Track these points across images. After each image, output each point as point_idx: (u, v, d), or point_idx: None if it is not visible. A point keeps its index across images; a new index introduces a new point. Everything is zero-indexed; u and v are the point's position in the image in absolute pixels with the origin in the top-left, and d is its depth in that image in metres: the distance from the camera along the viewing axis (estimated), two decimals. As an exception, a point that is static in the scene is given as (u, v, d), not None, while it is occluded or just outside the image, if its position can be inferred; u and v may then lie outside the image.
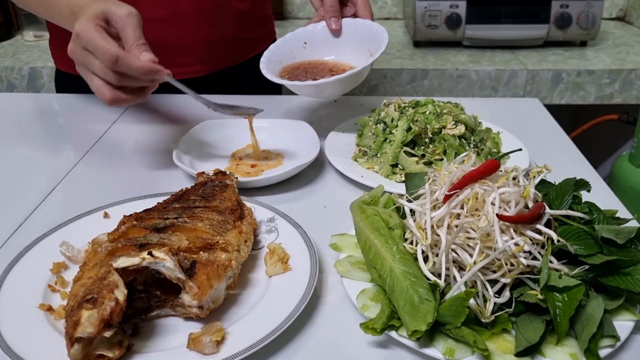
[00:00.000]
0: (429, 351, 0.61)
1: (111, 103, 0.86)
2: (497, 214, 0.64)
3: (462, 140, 0.97)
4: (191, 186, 0.86)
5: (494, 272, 0.63)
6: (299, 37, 1.13)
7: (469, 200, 0.67)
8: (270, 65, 1.07)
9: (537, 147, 1.04)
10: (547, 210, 0.66)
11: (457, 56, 2.00)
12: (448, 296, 0.63)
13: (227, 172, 0.89)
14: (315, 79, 1.04)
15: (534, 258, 0.64)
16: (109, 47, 0.81)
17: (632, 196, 1.74)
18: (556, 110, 1.37)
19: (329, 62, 1.12)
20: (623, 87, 1.90)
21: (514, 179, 0.70)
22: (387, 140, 0.98)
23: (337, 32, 1.11)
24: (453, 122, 0.97)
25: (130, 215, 0.76)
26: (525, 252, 0.64)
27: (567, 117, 2.34)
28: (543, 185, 0.74)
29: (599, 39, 2.11)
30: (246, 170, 1.00)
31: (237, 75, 1.35)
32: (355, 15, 1.11)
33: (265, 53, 1.09)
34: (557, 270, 0.63)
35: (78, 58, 0.87)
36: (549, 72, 1.88)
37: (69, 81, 1.33)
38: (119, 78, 0.84)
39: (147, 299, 0.67)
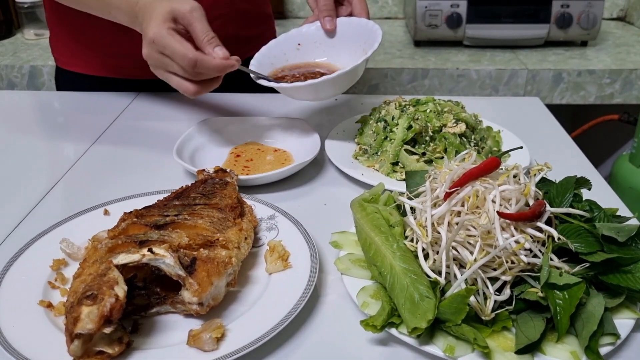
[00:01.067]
0: (429, 348, 0.61)
1: (194, 95, 0.92)
2: (497, 212, 0.64)
3: (463, 138, 0.97)
4: (191, 183, 0.86)
5: (495, 269, 0.63)
6: (293, 38, 1.09)
7: (469, 197, 0.66)
8: (260, 68, 1.04)
9: (538, 146, 1.04)
10: (548, 208, 0.66)
11: (458, 56, 2.00)
12: (448, 294, 0.63)
13: (228, 170, 0.89)
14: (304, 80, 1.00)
15: (535, 256, 0.64)
16: (186, 52, 0.86)
17: (633, 196, 1.74)
18: (556, 110, 1.37)
19: (321, 64, 1.09)
20: (623, 87, 1.90)
21: (514, 176, 0.70)
22: (388, 139, 0.98)
23: (331, 32, 1.08)
24: (454, 121, 0.97)
25: (131, 212, 0.76)
26: (525, 249, 0.63)
27: (568, 117, 2.34)
28: (544, 183, 0.74)
29: (599, 39, 2.11)
30: (244, 165, 1.00)
31: (237, 74, 1.34)
32: (351, 15, 1.08)
33: (256, 55, 1.06)
34: (557, 268, 0.63)
35: (155, 62, 0.92)
36: (550, 72, 1.88)
37: (69, 78, 1.34)
38: (197, 75, 0.90)
39: (147, 296, 0.67)
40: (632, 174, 1.77)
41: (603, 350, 0.60)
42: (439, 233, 0.66)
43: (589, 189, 0.73)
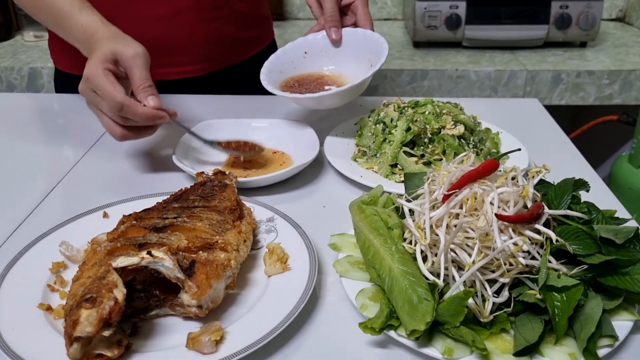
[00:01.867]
0: (428, 351, 0.61)
1: (121, 139, 0.92)
2: (496, 214, 0.64)
3: (462, 140, 0.97)
4: (190, 186, 0.86)
5: (493, 271, 0.63)
6: (300, 46, 1.12)
7: (467, 200, 0.67)
8: (270, 76, 1.07)
9: (537, 148, 1.04)
10: (546, 210, 0.66)
11: (457, 57, 2.00)
12: (447, 296, 0.63)
13: (227, 172, 0.89)
14: (314, 92, 1.04)
15: (533, 258, 0.64)
16: (115, 95, 0.86)
17: (632, 197, 1.74)
18: (556, 111, 1.37)
19: (327, 75, 1.12)
20: (623, 88, 1.91)
21: (512, 178, 0.70)
22: (387, 141, 0.98)
23: (337, 42, 1.11)
24: (452, 122, 0.97)
25: (130, 214, 0.76)
26: (524, 251, 0.64)
27: (567, 117, 2.34)
28: (542, 185, 0.74)
29: (598, 40, 2.11)
30: (243, 167, 1.00)
31: (235, 75, 1.35)
32: (355, 25, 1.11)
33: (266, 64, 1.09)
34: (555, 270, 0.63)
35: (88, 98, 0.92)
36: (549, 73, 1.88)
37: (68, 81, 1.33)
38: (125, 120, 0.89)
39: (146, 299, 0.67)
40: (631, 175, 1.77)
41: (601, 352, 0.60)
42: (438, 235, 0.66)
43: (587, 191, 0.73)
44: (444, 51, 2.06)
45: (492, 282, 0.64)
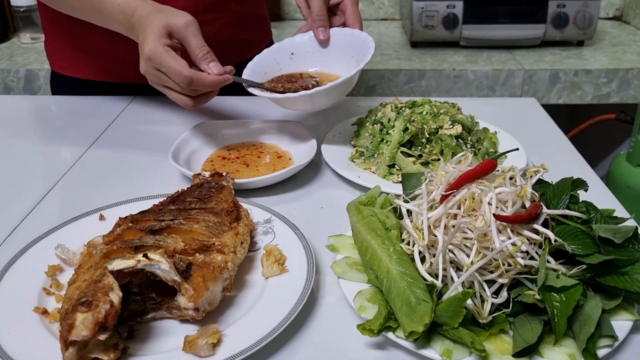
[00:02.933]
0: (427, 352, 0.61)
1: (193, 108, 0.95)
2: (494, 214, 0.63)
3: (459, 140, 0.97)
4: (187, 188, 0.86)
5: (492, 272, 0.63)
6: (286, 47, 1.10)
7: (465, 200, 0.66)
8: (254, 77, 1.04)
9: (535, 147, 1.04)
10: (545, 209, 0.66)
11: (455, 56, 2.00)
12: (445, 297, 0.62)
13: (223, 174, 0.88)
14: (296, 91, 0.99)
15: (532, 258, 0.64)
16: (182, 70, 0.88)
17: (630, 196, 1.74)
18: (553, 110, 1.37)
19: (314, 75, 1.09)
20: (620, 87, 1.90)
21: (510, 178, 0.69)
22: (384, 141, 0.98)
23: (324, 42, 1.08)
24: (450, 122, 0.97)
25: (126, 217, 0.76)
26: (522, 252, 0.63)
27: (565, 116, 2.34)
28: (540, 184, 0.74)
29: (596, 39, 2.11)
30: (237, 168, 1.00)
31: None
32: (344, 25, 1.08)
33: (249, 64, 1.06)
34: (554, 270, 0.63)
35: (153, 78, 0.94)
36: (546, 72, 1.88)
37: (64, 82, 1.33)
38: (194, 91, 0.93)
39: (142, 302, 0.67)
40: (629, 174, 1.77)
41: (601, 353, 0.60)
42: (436, 236, 0.66)
43: (586, 190, 0.73)
44: (441, 51, 2.06)
45: (490, 282, 0.63)
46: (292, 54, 1.09)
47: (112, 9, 0.98)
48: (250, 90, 1.01)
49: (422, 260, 0.66)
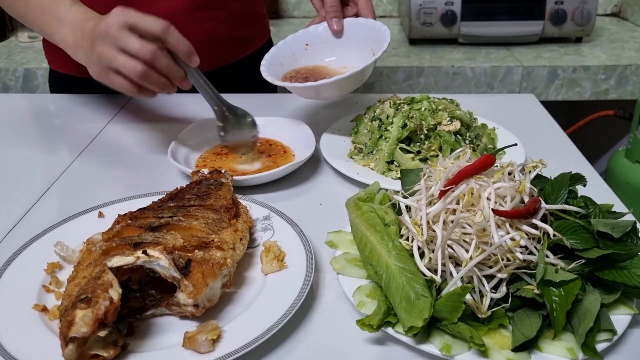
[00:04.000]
0: (426, 347, 0.61)
1: (141, 76, 0.86)
2: (492, 209, 0.63)
3: (458, 136, 0.97)
4: (186, 185, 0.86)
5: (490, 267, 0.63)
6: (301, 38, 1.11)
7: (464, 195, 0.66)
8: (271, 68, 1.06)
9: (533, 143, 1.04)
10: (543, 204, 0.66)
11: (453, 53, 2.00)
12: (444, 292, 0.63)
13: (222, 171, 0.88)
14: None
15: (530, 253, 0.64)
16: (158, 19, 0.86)
17: (629, 192, 1.74)
18: (552, 107, 1.37)
19: (329, 68, 1.11)
20: (619, 83, 1.91)
21: (509, 174, 0.69)
22: (383, 137, 0.98)
23: (338, 33, 1.09)
24: (448, 119, 0.97)
25: (125, 214, 0.76)
26: (521, 246, 0.63)
27: (563, 113, 2.34)
28: (539, 180, 0.74)
29: (594, 35, 2.11)
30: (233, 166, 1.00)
31: (231, 75, 1.34)
32: (357, 15, 1.09)
33: (266, 56, 1.08)
34: (553, 264, 0.63)
35: (107, 54, 0.87)
36: (545, 69, 1.88)
37: (63, 81, 1.33)
38: (154, 54, 0.86)
39: (142, 298, 0.67)
40: (628, 170, 1.77)
41: (600, 347, 0.60)
42: (435, 231, 0.66)
43: (584, 185, 0.73)
44: (439, 48, 2.06)
45: (489, 277, 0.63)
46: (306, 45, 1.10)
47: (66, 12, 0.96)
48: (265, 76, 1.02)
49: (421, 255, 0.66)
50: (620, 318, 0.63)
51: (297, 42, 1.11)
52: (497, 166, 0.71)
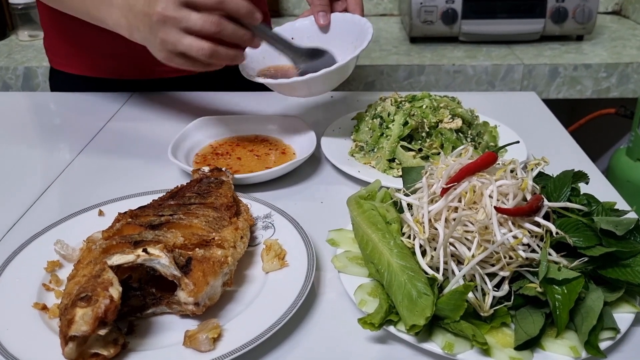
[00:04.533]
0: (428, 346, 0.61)
1: (210, 55, 0.86)
2: (495, 207, 0.63)
3: (459, 134, 0.96)
4: (186, 183, 0.86)
5: (493, 265, 0.63)
6: (286, 32, 1.07)
7: (466, 193, 0.66)
8: (252, 61, 1.03)
9: (535, 141, 1.04)
10: (546, 202, 0.66)
11: (454, 51, 2.00)
12: (446, 290, 0.62)
13: (223, 169, 0.88)
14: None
15: (533, 251, 0.63)
16: None
17: (630, 190, 1.74)
18: (553, 105, 1.37)
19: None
20: (620, 81, 1.90)
21: (511, 171, 0.69)
22: (384, 135, 0.97)
23: (324, 28, 1.07)
24: (450, 116, 0.97)
25: (125, 212, 0.75)
26: (523, 244, 0.63)
27: (564, 111, 2.33)
28: (541, 177, 0.74)
29: (595, 33, 2.11)
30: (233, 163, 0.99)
31: (231, 74, 1.34)
32: (346, 10, 1.07)
33: (247, 49, 1.03)
34: (556, 262, 0.62)
35: (175, 15, 0.84)
36: (546, 67, 1.87)
37: (63, 79, 1.33)
38: (218, 24, 0.84)
39: (142, 297, 0.67)
40: (629, 168, 1.77)
41: (603, 345, 0.60)
42: (436, 229, 0.65)
43: (587, 183, 0.73)
44: (440, 46, 2.05)
45: (491, 275, 0.63)
46: (292, 38, 1.08)
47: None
48: (246, 75, 1.00)
49: (423, 253, 0.66)
50: (623, 316, 0.63)
51: (283, 35, 1.09)
52: (499, 164, 0.70)
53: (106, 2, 0.94)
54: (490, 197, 0.65)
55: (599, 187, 0.91)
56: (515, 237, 0.62)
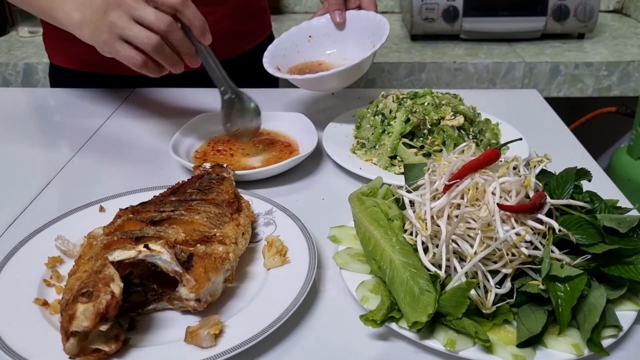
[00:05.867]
0: (430, 343, 0.60)
1: (155, 48, 0.84)
2: (497, 204, 0.63)
3: (461, 131, 0.96)
4: (188, 179, 0.85)
5: (495, 262, 0.63)
6: (304, 31, 1.13)
7: (469, 190, 0.66)
8: (273, 60, 1.07)
9: (537, 138, 1.03)
10: (548, 199, 0.66)
11: (455, 49, 1.99)
12: (449, 287, 0.62)
13: (224, 165, 0.88)
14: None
15: (536, 248, 0.63)
16: None
17: (631, 188, 1.74)
18: (554, 103, 1.36)
19: (326, 63, 1.13)
20: (621, 80, 1.90)
21: (514, 168, 0.69)
22: (386, 132, 0.97)
23: (340, 25, 1.11)
24: (452, 113, 0.96)
25: (126, 208, 0.75)
26: (526, 242, 0.63)
27: (565, 110, 2.33)
28: (543, 175, 0.73)
29: (596, 32, 2.11)
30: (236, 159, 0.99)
31: (232, 69, 1.33)
32: (359, 8, 1.11)
33: (270, 47, 1.09)
34: (558, 260, 0.62)
35: (119, 22, 0.84)
36: (547, 65, 1.87)
37: (63, 75, 1.32)
38: (169, 25, 0.84)
39: (143, 293, 0.67)
40: (630, 166, 1.77)
41: (605, 343, 0.59)
42: (439, 226, 0.65)
43: (589, 181, 0.73)
44: (441, 44, 2.05)
45: (494, 273, 0.63)
46: (309, 36, 1.12)
47: None
48: (267, 68, 1.04)
49: (425, 250, 0.66)
50: (626, 314, 0.62)
51: (300, 34, 1.12)
52: (501, 161, 0.70)
53: None
54: (493, 194, 0.65)
55: (601, 185, 0.91)
56: (518, 234, 0.62)
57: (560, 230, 0.63)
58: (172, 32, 0.85)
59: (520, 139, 0.91)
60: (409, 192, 0.72)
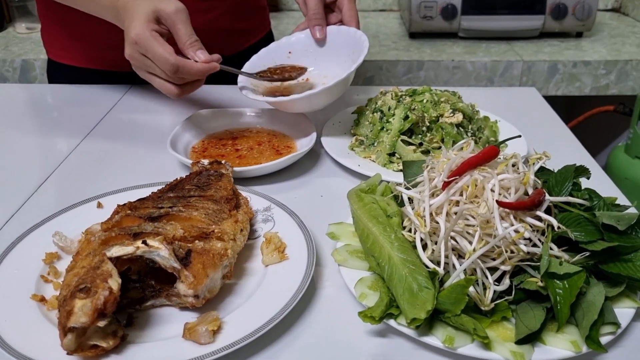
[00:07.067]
0: (428, 339, 0.60)
1: (177, 97, 0.92)
2: (496, 201, 0.63)
3: (460, 128, 0.96)
4: (186, 175, 0.85)
5: (494, 259, 0.63)
6: (284, 46, 1.09)
7: (468, 187, 0.66)
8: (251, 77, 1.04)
9: (535, 136, 1.04)
10: (547, 196, 0.66)
11: (453, 47, 1.99)
12: (447, 284, 0.62)
13: (223, 162, 0.88)
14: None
15: (534, 245, 0.63)
16: (168, 57, 0.86)
17: (629, 187, 1.74)
18: (552, 102, 1.36)
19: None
20: (619, 78, 1.90)
21: (513, 165, 0.69)
22: (384, 129, 0.97)
23: (321, 41, 1.08)
24: (450, 111, 0.96)
25: (124, 204, 0.75)
26: (525, 239, 0.63)
27: (563, 108, 2.32)
28: (542, 172, 0.73)
29: (594, 30, 2.11)
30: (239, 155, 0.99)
31: (231, 66, 1.33)
32: (341, 23, 1.07)
33: (247, 64, 1.06)
34: (557, 257, 0.62)
35: (137, 63, 0.92)
36: (545, 63, 1.87)
37: (61, 71, 1.32)
38: (179, 79, 0.90)
39: (141, 289, 0.66)
40: (627, 165, 1.77)
41: (604, 340, 0.59)
42: (438, 223, 0.65)
43: (588, 178, 0.73)
44: (439, 42, 2.05)
45: (493, 269, 0.63)
46: (289, 52, 1.09)
47: None
48: (246, 94, 1.00)
49: (424, 247, 0.66)
50: (624, 311, 0.62)
51: (280, 49, 1.09)
52: (500, 158, 0.70)
53: None
54: (492, 191, 0.65)
55: (599, 183, 0.91)
56: (516, 231, 0.62)
57: (559, 228, 0.63)
58: (180, 73, 0.89)
59: (519, 137, 0.91)
60: (407, 189, 0.72)
